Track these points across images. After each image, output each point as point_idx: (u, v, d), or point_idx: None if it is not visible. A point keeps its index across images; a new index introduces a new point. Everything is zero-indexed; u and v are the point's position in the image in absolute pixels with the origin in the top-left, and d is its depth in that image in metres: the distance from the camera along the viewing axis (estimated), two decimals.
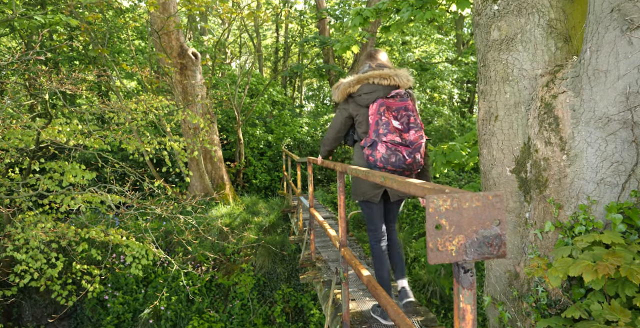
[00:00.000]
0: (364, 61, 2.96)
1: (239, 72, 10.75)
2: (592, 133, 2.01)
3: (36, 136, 5.89)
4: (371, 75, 2.68)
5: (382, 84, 2.66)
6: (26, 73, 6.62)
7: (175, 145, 6.77)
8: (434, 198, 1.08)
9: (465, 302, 1.14)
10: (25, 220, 6.30)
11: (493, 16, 2.38)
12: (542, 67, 2.28)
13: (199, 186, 9.36)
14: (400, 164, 2.58)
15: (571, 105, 2.08)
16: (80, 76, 6.10)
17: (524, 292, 2.44)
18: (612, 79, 1.91)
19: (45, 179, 6.04)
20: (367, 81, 2.68)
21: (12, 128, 6.03)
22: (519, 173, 2.45)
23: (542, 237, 2.28)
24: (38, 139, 5.94)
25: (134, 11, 10.97)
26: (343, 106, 2.82)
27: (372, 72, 2.72)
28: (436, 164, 5.06)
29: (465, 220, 1.11)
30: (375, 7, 5.12)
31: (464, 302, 1.14)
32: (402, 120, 2.61)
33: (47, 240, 6.18)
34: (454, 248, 1.10)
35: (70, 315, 8.23)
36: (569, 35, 2.29)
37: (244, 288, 7.52)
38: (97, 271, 7.16)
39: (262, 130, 12.02)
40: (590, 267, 1.78)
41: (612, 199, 2.04)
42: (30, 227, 6.07)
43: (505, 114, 2.46)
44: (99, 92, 12.69)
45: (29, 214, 6.43)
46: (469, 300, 1.13)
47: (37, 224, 6.13)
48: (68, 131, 6.13)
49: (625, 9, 1.82)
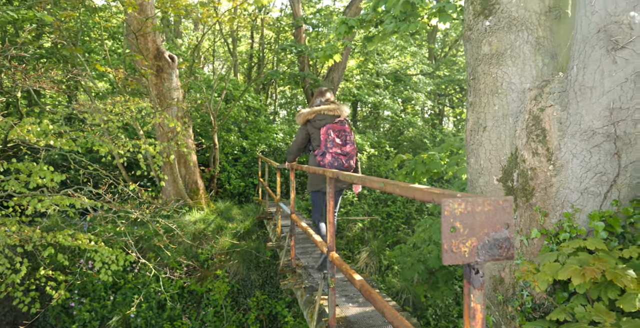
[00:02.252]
0: (317, 96, 4.13)
1: (215, 77, 10.68)
2: (578, 145, 2.14)
3: (4, 135, 5.67)
4: (323, 109, 3.88)
5: (330, 114, 3.87)
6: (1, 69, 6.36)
7: (151, 148, 6.65)
8: (449, 202, 1.13)
9: (476, 302, 1.19)
10: None
11: (484, 32, 2.49)
12: (530, 81, 2.41)
13: (172, 190, 9.19)
14: (339, 167, 3.86)
15: (558, 118, 2.21)
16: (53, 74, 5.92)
17: (509, 296, 2.54)
18: (597, 95, 2.04)
19: (11, 180, 5.80)
20: (320, 112, 3.88)
21: None
22: (505, 182, 2.56)
23: (528, 243, 2.39)
24: (6, 138, 5.71)
25: (107, 10, 10.74)
26: (303, 127, 4.03)
27: (323, 106, 3.93)
28: (416, 173, 5.18)
29: (477, 223, 1.17)
30: (360, 17, 5.23)
31: (475, 302, 1.19)
32: (342, 138, 3.84)
33: (10, 244, 5.92)
34: (467, 250, 1.16)
35: (32, 324, 7.86)
36: (555, 53, 2.43)
37: (218, 295, 7.41)
38: (62, 277, 6.90)
39: (236, 135, 11.94)
40: (578, 271, 1.89)
41: (594, 208, 2.17)
42: None
43: (493, 125, 2.57)
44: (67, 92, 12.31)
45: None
46: (479, 299, 1.19)
47: (1, 227, 5.87)
48: (38, 131, 5.93)
49: (611, 30, 1.96)
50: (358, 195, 9.95)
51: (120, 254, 6.75)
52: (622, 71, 1.96)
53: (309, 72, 15.21)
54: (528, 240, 2.39)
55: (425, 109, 15.82)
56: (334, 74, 15.64)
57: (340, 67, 15.71)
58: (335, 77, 15.65)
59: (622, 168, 2.06)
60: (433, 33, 16.82)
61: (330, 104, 3.94)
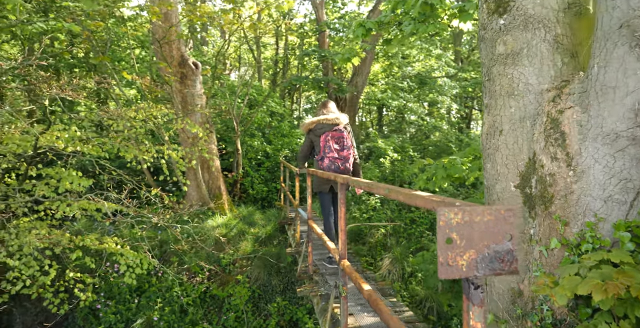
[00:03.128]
0: (320, 108, 4.59)
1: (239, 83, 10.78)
2: (600, 149, 1.99)
3: (34, 142, 5.84)
4: (321, 119, 4.39)
5: (328, 123, 4.36)
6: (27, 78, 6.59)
7: (174, 154, 6.73)
8: (445, 211, 1.05)
9: (476, 320, 1.10)
10: (19, 226, 6.21)
11: (499, 30, 2.37)
12: (548, 82, 2.27)
13: (196, 195, 9.29)
14: (335, 170, 4.32)
15: (578, 120, 2.07)
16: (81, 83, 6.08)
17: (528, 310, 2.39)
18: (620, 95, 1.89)
19: (41, 185, 5.97)
20: (320, 122, 4.39)
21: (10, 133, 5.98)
22: (523, 189, 2.42)
23: (548, 254, 2.24)
24: (36, 145, 5.88)
25: (136, 20, 11.02)
26: (307, 136, 4.54)
27: (323, 116, 4.40)
28: (436, 178, 5.03)
29: (476, 234, 1.08)
30: (378, 19, 5.14)
31: (474, 320, 1.10)
32: (340, 144, 4.35)
33: (41, 247, 6.09)
34: (465, 263, 1.06)
35: (61, 324, 8.07)
36: (576, 51, 2.28)
37: (239, 300, 7.40)
38: (90, 279, 7.04)
39: (260, 141, 12.00)
40: (600, 286, 1.74)
41: (619, 217, 2.01)
42: (24, 234, 5.98)
43: (510, 128, 2.44)
44: (98, 100, 12.67)
45: (24, 220, 6.35)
46: (479, 317, 1.09)
47: (32, 231, 6.04)
48: (66, 137, 6.09)
49: (635, 25, 1.81)
50: (381, 201, 9.82)
51: (145, 258, 6.84)
52: None
53: (333, 77, 15.18)
54: (547, 250, 2.24)
55: (452, 112, 15.50)
56: (358, 78, 15.55)
57: (365, 71, 15.61)
58: (359, 81, 15.55)
59: None
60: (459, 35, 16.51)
61: (330, 113, 4.46)
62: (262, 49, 20.90)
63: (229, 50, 16.48)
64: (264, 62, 20.55)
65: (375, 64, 18.78)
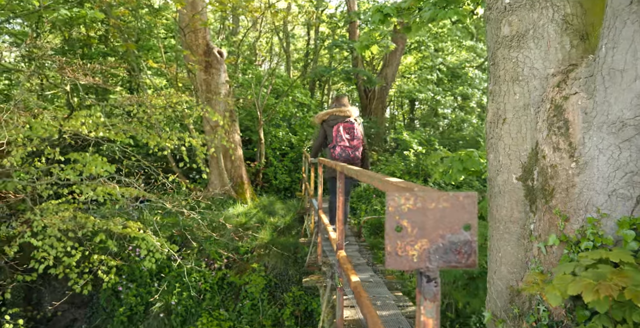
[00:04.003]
0: (334, 102, 5.02)
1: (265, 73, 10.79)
2: (605, 139, 1.82)
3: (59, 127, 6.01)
4: (335, 111, 4.78)
5: (340, 115, 4.75)
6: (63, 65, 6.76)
7: (194, 141, 6.80)
8: (395, 196, 0.95)
9: (427, 315, 0.99)
10: (49, 208, 6.42)
11: (504, 10, 2.21)
12: (555, 66, 2.10)
13: (218, 184, 9.39)
14: (346, 157, 4.64)
15: (583, 107, 1.90)
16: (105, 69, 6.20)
17: (525, 310, 2.25)
18: (628, 79, 1.72)
19: (68, 169, 6.15)
20: (333, 113, 4.78)
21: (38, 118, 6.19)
22: (525, 181, 2.26)
23: (546, 251, 2.09)
24: (60, 130, 6.06)
25: (166, 10, 11.18)
26: (321, 126, 4.91)
27: (335, 108, 4.80)
28: (452, 171, 4.86)
29: (430, 222, 0.97)
30: (397, 5, 4.98)
31: (426, 315, 1.00)
32: (350, 134, 4.68)
33: (65, 229, 6.28)
34: (416, 254, 0.96)
35: (86, 304, 8.39)
36: (587, 33, 2.10)
37: (254, 288, 7.46)
38: (113, 262, 7.24)
39: (285, 131, 11.99)
40: (592, 286, 1.60)
41: (624, 213, 1.84)
42: (49, 216, 6.18)
43: (513, 116, 2.28)
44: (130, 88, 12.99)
45: (52, 203, 6.56)
46: (431, 313, 0.99)
47: (58, 213, 6.24)
48: (90, 123, 6.24)
49: None
50: None
51: (166, 243, 6.98)
52: None
53: (361, 69, 14.96)
54: (546, 247, 2.09)
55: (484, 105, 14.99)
56: (388, 69, 15.26)
57: (394, 63, 15.29)
58: (389, 73, 15.26)
59: None
60: None
61: (342, 107, 4.82)
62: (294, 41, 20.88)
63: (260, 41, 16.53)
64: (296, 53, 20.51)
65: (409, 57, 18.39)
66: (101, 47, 12.50)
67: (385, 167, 10.87)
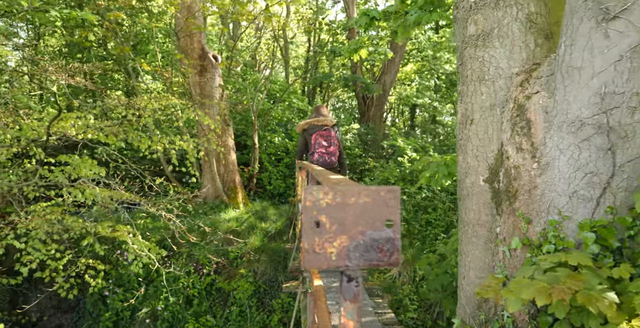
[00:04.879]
0: (313, 112, 5.46)
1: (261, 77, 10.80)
2: (565, 138, 1.77)
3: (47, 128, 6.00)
4: (313, 121, 5.21)
5: (318, 124, 5.18)
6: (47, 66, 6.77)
7: (185, 145, 6.77)
8: (312, 190, 0.89)
9: (348, 317, 0.94)
10: (36, 210, 6.38)
11: (469, 9, 2.18)
12: (519, 65, 2.06)
13: (211, 188, 9.35)
14: (324, 162, 5.06)
15: (544, 107, 1.85)
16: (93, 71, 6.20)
17: (491, 316, 2.18)
18: (586, 77, 1.67)
19: (57, 171, 6.11)
20: (311, 123, 5.22)
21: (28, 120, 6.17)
22: (492, 183, 2.21)
23: (510, 254, 2.03)
24: (49, 130, 6.04)
25: (165, 14, 11.23)
26: (302, 135, 5.39)
27: (314, 118, 5.23)
28: (438, 176, 4.80)
29: (350, 218, 0.92)
30: (384, 9, 4.96)
31: (347, 317, 0.94)
32: (327, 141, 5.13)
33: (51, 232, 6.23)
34: (335, 251, 0.91)
35: (72, 309, 8.31)
36: (551, 32, 2.06)
37: (242, 295, 7.37)
38: (101, 266, 7.17)
39: (281, 136, 11.97)
40: (545, 290, 1.54)
41: (585, 215, 1.78)
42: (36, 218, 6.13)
43: (481, 117, 2.23)
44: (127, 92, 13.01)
45: (41, 205, 6.51)
46: (352, 314, 0.93)
47: (45, 216, 6.19)
48: (80, 125, 6.22)
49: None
50: None
51: (154, 248, 6.91)
52: (616, 47, 1.59)
53: (359, 76, 14.98)
54: (510, 251, 2.03)
55: None
56: (386, 77, 15.27)
57: (393, 70, 15.30)
58: (387, 80, 15.27)
59: (617, 167, 1.67)
60: None
61: (320, 116, 5.26)
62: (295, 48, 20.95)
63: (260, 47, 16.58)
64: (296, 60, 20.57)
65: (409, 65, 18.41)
66: (99, 50, 12.57)
67: (380, 173, 10.81)
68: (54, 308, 8.20)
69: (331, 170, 5.19)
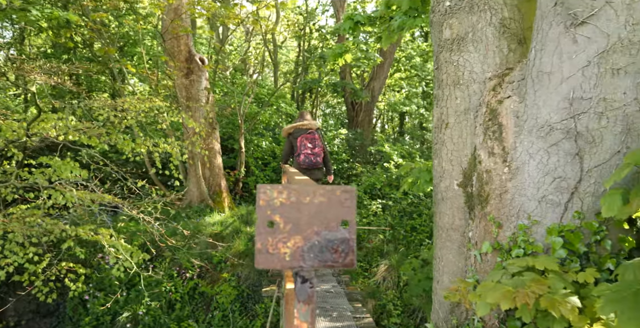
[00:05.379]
0: (298, 117, 5.76)
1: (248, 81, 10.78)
2: (535, 143, 1.77)
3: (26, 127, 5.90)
4: (298, 125, 5.45)
5: (303, 128, 5.44)
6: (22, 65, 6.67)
7: (169, 147, 6.71)
8: (266, 189, 0.88)
9: (301, 319, 0.92)
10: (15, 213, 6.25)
11: (445, 13, 2.18)
12: (493, 70, 2.06)
13: (196, 192, 9.28)
14: (309, 163, 5.40)
15: (515, 111, 1.85)
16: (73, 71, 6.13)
17: (462, 321, 2.17)
18: (555, 82, 1.68)
19: (37, 173, 6.01)
20: (297, 127, 5.47)
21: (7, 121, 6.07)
22: (465, 187, 2.21)
23: (481, 259, 2.02)
24: (28, 130, 5.95)
25: (152, 16, 11.18)
26: (288, 138, 5.66)
27: (299, 123, 5.48)
28: (420, 182, 4.81)
29: (305, 218, 0.90)
30: (369, 14, 4.98)
31: (300, 319, 0.92)
32: (312, 143, 5.44)
33: (29, 235, 6.11)
34: (289, 252, 0.89)
35: (52, 313, 8.15)
36: (524, 37, 2.07)
37: (224, 299, 7.29)
38: (82, 270, 7.05)
39: (268, 141, 11.94)
40: (510, 294, 1.53)
41: (554, 220, 1.78)
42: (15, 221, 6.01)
43: (455, 121, 2.24)
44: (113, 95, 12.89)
45: (20, 208, 6.39)
46: (305, 316, 0.91)
47: (25, 218, 6.07)
48: (61, 126, 6.13)
49: (569, 2, 1.60)
50: (382, 207, 9.59)
51: (136, 251, 6.81)
52: (584, 53, 1.60)
53: (348, 82, 15.03)
54: (481, 255, 2.02)
55: None
56: (375, 83, 15.35)
57: (382, 76, 15.39)
58: (376, 86, 15.35)
59: (585, 172, 1.68)
60: None
61: (304, 120, 5.56)
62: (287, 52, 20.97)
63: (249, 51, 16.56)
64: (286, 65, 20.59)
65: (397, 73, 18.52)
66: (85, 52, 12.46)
67: (367, 178, 10.83)
68: (32, 313, 8.03)
69: (317, 170, 5.60)
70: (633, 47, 1.52)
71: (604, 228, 1.68)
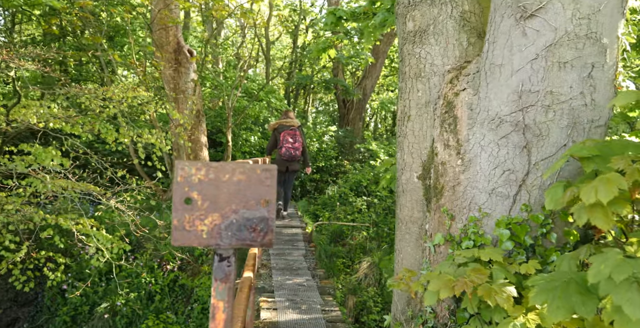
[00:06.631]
0: (282, 115, 6.61)
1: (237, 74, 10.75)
2: (486, 135, 1.78)
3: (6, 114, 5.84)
4: (282, 121, 6.23)
5: (287, 124, 6.17)
6: None
7: (153, 138, 6.67)
8: (185, 166, 0.87)
9: (218, 297, 0.91)
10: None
11: (408, 5, 2.18)
12: (452, 62, 2.07)
13: None
14: (289, 155, 6.08)
15: (469, 104, 1.86)
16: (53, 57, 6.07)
17: (416, 312, 2.18)
18: (506, 75, 1.69)
19: (17, 160, 5.95)
20: (281, 123, 6.23)
21: None
22: (424, 180, 2.22)
23: (435, 250, 2.04)
24: (8, 116, 5.88)
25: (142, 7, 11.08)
26: (273, 133, 6.34)
27: (283, 120, 6.28)
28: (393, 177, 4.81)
29: (223, 195, 0.90)
30: (352, 9, 4.97)
31: (217, 298, 0.91)
32: (293, 138, 6.11)
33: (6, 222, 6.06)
34: (206, 229, 0.89)
35: (30, 302, 8.09)
36: (484, 30, 2.08)
37: (205, 292, 7.28)
38: (62, 259, 7.00)
39: (257, 136, 11.91)
40: (450, 282, 1.54)
41: (503, 212, 1.80)
42: None
43: (416, 113, 2.24)
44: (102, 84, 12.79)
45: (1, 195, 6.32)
46: (222, 295, 0.91)
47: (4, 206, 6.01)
48: (42, 113, 6.07)
49: None
50: (367, 204, 9.62)
51: (117, 242, 6.77)
52: (533, 45, 1.61)
53: (340, 79, 15.02)
54: (435, 247, 2.03)
55: None
56: (367, 81, 15.35)
57: (374, 75, 15.39)
58: (368, 84, 15.35)
59: (533, 165, 1.69)
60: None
61: (288, 118, 6.32)
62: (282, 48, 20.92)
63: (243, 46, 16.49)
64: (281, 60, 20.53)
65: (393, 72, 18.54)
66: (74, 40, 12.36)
67: (353, 175, 10.85)
68: (10, 301, 7.97)
69: (296, 162, 6.30)
70: (579, 41, 1.53)
71: (549, 221, 1.70)
